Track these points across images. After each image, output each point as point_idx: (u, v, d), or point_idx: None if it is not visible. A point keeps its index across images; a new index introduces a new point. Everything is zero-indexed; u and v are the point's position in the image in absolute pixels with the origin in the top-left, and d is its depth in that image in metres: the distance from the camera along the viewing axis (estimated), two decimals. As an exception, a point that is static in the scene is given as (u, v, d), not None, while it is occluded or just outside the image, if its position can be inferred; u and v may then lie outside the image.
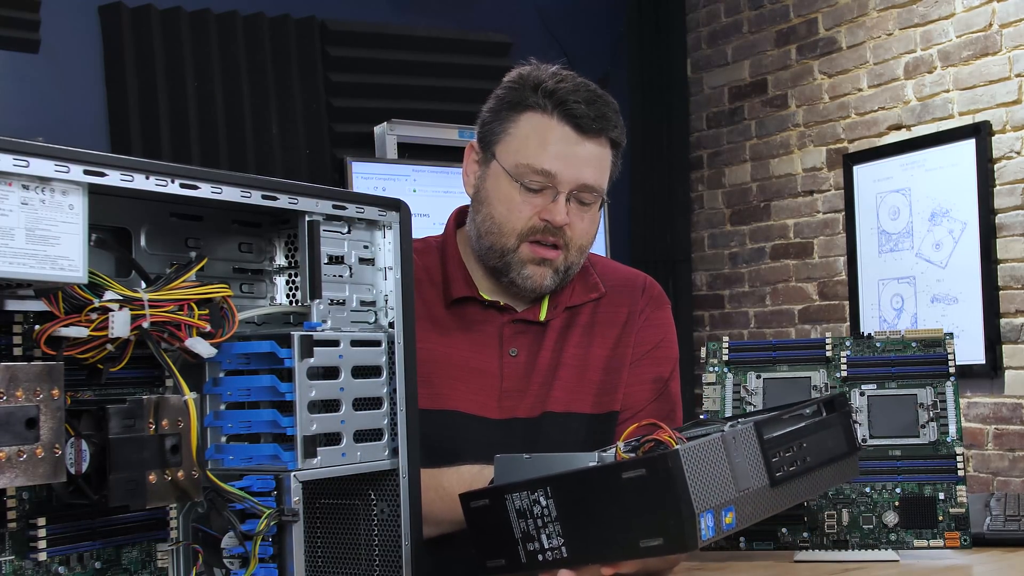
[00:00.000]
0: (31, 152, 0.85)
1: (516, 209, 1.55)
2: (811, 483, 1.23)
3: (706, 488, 1.06)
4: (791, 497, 1.20)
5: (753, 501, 1.13)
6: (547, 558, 1.14)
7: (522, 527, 1.15)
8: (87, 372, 0.97)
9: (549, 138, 1.54)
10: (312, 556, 1.17)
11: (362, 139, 3.87)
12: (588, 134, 1.55)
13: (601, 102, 1.57)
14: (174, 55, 3.54)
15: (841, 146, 4.15)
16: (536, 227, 1.55)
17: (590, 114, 1.54)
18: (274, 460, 1.05)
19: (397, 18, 4.03)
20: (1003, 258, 3.58)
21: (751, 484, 1.12)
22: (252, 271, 1.15)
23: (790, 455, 1.18)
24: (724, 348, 1.64)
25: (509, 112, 1.58)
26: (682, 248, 4.75)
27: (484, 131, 1.61)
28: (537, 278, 1.57)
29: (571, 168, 1.53)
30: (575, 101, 1.54)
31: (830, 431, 1.26)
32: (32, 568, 0.96)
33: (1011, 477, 3.54)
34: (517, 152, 1.55)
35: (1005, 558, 1.48)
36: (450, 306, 1.62)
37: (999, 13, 3.59)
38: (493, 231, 1.57)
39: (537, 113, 1.55)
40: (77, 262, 0.88)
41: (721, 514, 1.08)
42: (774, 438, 1.17)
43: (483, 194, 1.60)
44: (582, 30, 4.53)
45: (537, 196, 1.55)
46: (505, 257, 1.57)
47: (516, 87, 1.59)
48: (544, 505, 1.13)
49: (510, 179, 1.55)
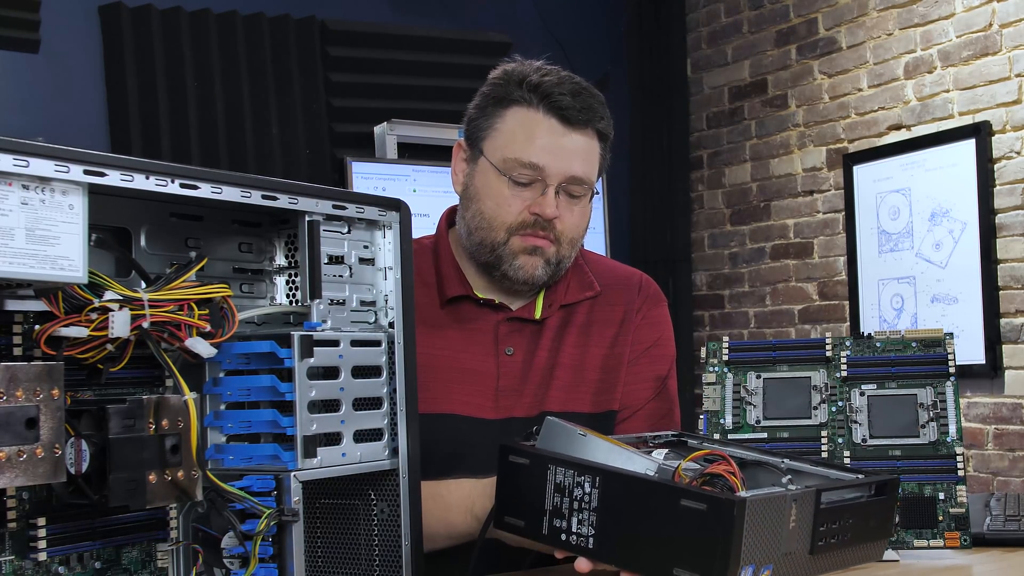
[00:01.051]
0: (31, 152, 0.85)
1: (505, 203, 1.55)
2: (841, 558, 1.21)
3: (758, 542, 1.05)
4: (820, 567, 1.18)
5: (790, 564, 1.12)
6: (571, 541, 1.14)
7: (555, 502, 1.14)
8: (87, 372, 0.97)
9: (536, 131, 1.54)
10: (312, 556, 1.17)
11: (362, 139, 3.87)
12: (574, 126, 1.55)
13: (587, 94, 1.57)
14: (174, 55, 3.54)
15: (841, 146, 4.15)
16: (526, 221, 1.55)
17: (576, 105, 1.54)
18: (274, 460, 1.05)
19: (397, 18, 4.03)
20: (1003, 258, 3.58)
21: (794, 548, 1.11)
22: (252, 271, 1.15)
23: (836, 527, 1.16)
24: (724, 348, 1.64)
25: (495, 108, 1.58)
26: (682, 248, 4.75)
27: (471, 128, 1.62)
28: (528, 268, 1.57)
29: (559, 160, 1.53)
30: (560, 93, 1.54)
31: (876, 514, 1.25)
32: (32, 568, 0.96)
33: (1011, 477, 3.54)
34: (504, 147, 1.55)
35: (1005, 558, 1.48)
36: (444, 305, 1.62)
37: (999, 13, 3.59)
38: (483, 226, 1.57)
39: (523, 107, 1.56)
40: (77, 262, 0.88)
41: (760, 570, 1.07)
42: (828, 508, 1.15)
43: (472, 191, 1.60)
44: (582, 30, 4.53)
45: (526, 190, 1.54)
46: (496, 251, 1.57)
47: (501, 83, 1.59)
48: (587, 491, 1.12)
49: (498, 174, 1.55)
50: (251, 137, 3.66)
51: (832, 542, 1.16)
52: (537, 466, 1.17)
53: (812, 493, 1.13)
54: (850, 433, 1.55)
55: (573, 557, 1.17)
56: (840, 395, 1.58)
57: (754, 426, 1.58)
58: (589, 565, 1.15)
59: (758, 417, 1.58)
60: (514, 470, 1.19)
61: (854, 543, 1.21)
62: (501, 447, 1.22)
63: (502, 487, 1.22)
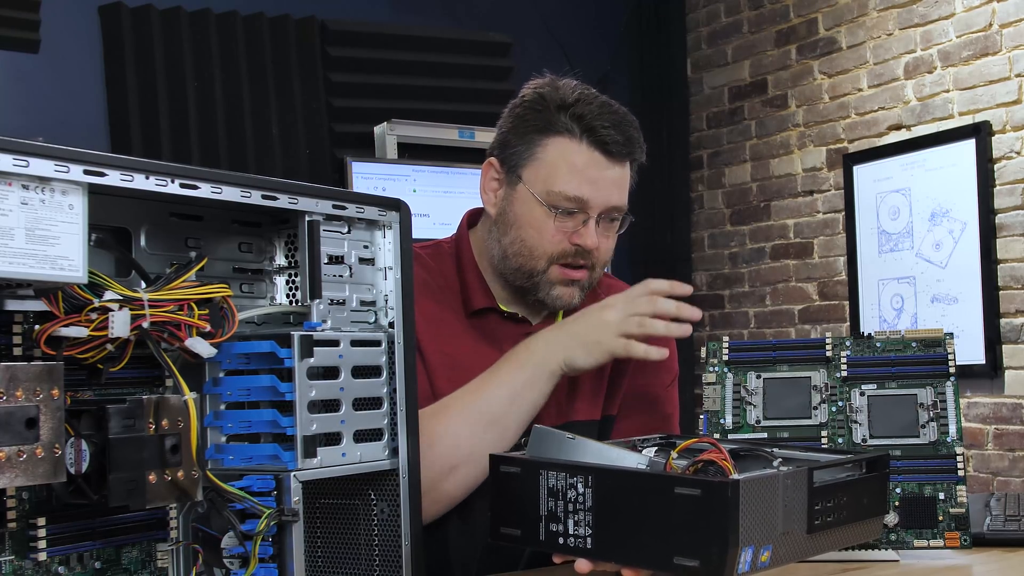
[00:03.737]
0: (31, 152, 0.85)
1: (548, 234, 1.55)
2: (839, 536, 1.22)
3: (754, 523, 1.06)
4: (820, 546, 1.19)
5: (789, 544, 1.12)
6: (568, 544, 1.14)
7: (550, 506, 1.15)
8: (87, 372, 0.97)
9: (580, 164, 1.53)
10: (312, 556, 1.17)
11: (362, 139, 3.87)
12: (617, 159, 1.55)
13: (626, 123, 1.56)
14: (174, 55, 3.54)
15: (841, 146, 4.15)
16: (567, 251, 1.55)
17: (619, 139, 1.54)
18: (274, 460, 1.05)
19: (397, 18, 4.03)
20: (1003, 258, 3.58)
21: (792, 527, 1.12)
22: (252, 271, 1.15)
23: (831, 506, 1.17)
24: (724, 348, 1.64)
25: (535, 135, 1.56)
26: (682, 248, 4.75)
27: (508, 152, 1.59)
28: (566, 298, 1.59)
29: (600, 192, 1.54)
30: (603, 127, 1.53)
31: (870, 490, 1.26)
32: (32, 568, 0.96)
33: (1011, 477, 3.54)
34: (547, 179, 1.54)
35: (1005, 558, 1.48)
36: (470, 316, 1.63)
37: (999, 13, 3.59)
38: (523, 253, 1.57)
39: (565, 138, 1.54)
40: (77, 262, 0.88)
41: (760, 551, 1.07)
42: (821, 487, 1.16)
43: (511, 217, 1.58)
44: (582, 30, 4.53)
45: (568, 220, 1.55)
46: (534, 279, 1.57)
47: (539, 109, 1.56)
48: (581, 492, 1.13)
49: (541, 205, 1.55)
50: (251, 137, 3.66)
51: (829, 520, 1.17)
52: (529, 473, 1.17)
53: (804, 472, 1.14)
54: (850, 433, 1.55)
55: (571, 561, 1.17)
56: (840, 395, 1.58)
57: (754, 426, 1.58)
58: (589, 566, 1.15)
59: (758, 417, 1.58)
60: (506, 480, 1.19)
61: (850, 521, 1.22)
62: (491, 458, 1.22)
63: (495, 499, 1.22)
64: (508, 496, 1.20)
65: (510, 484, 1.19)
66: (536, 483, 1.16)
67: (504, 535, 1.20)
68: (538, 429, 1.25)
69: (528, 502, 1.16)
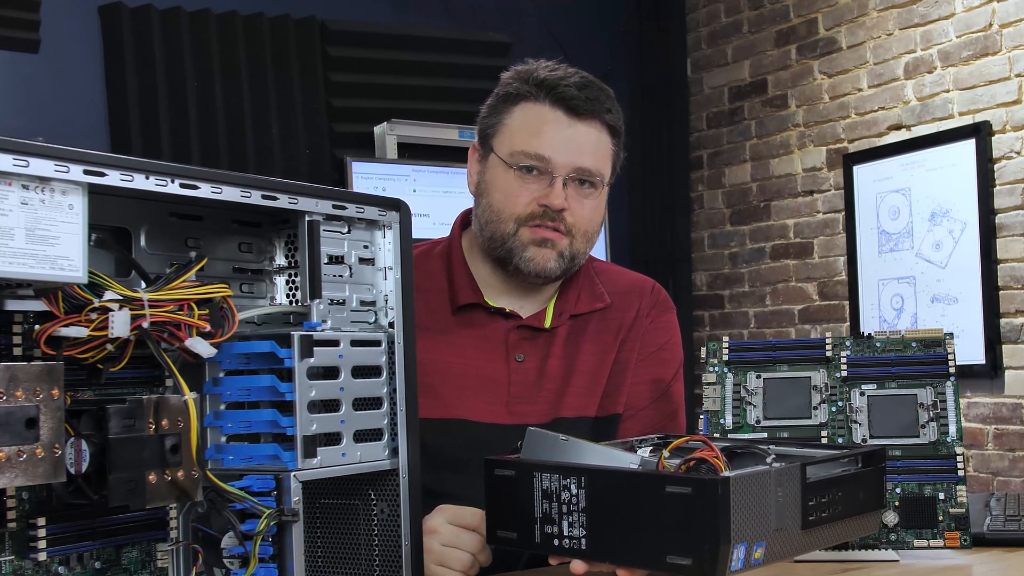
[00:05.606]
0: (31, 152, 0.85)
1: (513, 195, 1.56)
2: (835, 532, 1.22)
3: (747, 520, 1.06)
4: (815, 542, 1.19)
5: (783, 540, 1.12)
6: (563, 545, 1.14)
7: (544, 508, 1.15)
8: (87, 372, 0.97)
9: (542, 123, 1.55)
10: (312, 556, 1.17)
11: (362, 139, 3.87)
12: (581, 116, 1.55)
13: (594, 87, 1.58)
14: (174, 55, 3.54)
15: (841, 146, 4.15)
16: (535, 213, 1.55)
17: (581, 96, 1.55)
18: (274, 460, 1.05)
19: (397, 18, 4.03)
20: (1003, 258, 3.58)
21: (785, 523, 1.12)
22: (252, 271, 1.15)
23: (825, 501, 1.17)
24: (724, 348, 1.64)
25: (504, 105, 1.60)
26: (682, 248, 4.75)
27: (482, 127, 1.63)
28: (540, 260, 1.57)
29: (565, 151, 1.54)
30: (565, 85, 1.55)
31: (865, 485, 1.26)
32: (32, 568, 0.96)
33: (1011, 477, 3.54)
34: (512, 141, 1.57)
35: (1005, 558, 1.48)
36: (455, 312, 1.63)
37: (999, 13, 3.59)
38: (493, 219, 1.58)
39: (530, 102, 1.57)
40: (77, 262, 0.88)
41: (753, 548, 1.07)
42: (815, 482, 1.16)
43: (483, 186, 1.61)
44: (582, 30, 4.53)
45: (534, 182, 1.55)
46: (507, 243, 1.57)
47: (510, 82, 1.61)
48: (574, 493, 1.13)
49: (506, 167, 1.56)
50: (251, 137, 3.66)
51: (823, 516, 1.17)
52: (523, 475, 1.17)
53: (797, 468, 1.14)
54: (850, 433, 1.55)
55: (567, 562, 1.17)
56: (840, 395, 1.58)
57: (754, 426, 1.58)
58: (584, 567, 1.16)
59: (758, 417, 1.58)
60: (501, 483, 1.20)
61: (846, 516, 1.22)
62: (486, 462, 1.22)
63: (491, 502, 1.22)
64: (503, 499, 1.20)
65: (505, 487, 1.19)
66: (530, 485, 1.16)
67: (501, 538, 1.20)
68: (532, 431, 1.25)
69: (523, 504, 1.17)
